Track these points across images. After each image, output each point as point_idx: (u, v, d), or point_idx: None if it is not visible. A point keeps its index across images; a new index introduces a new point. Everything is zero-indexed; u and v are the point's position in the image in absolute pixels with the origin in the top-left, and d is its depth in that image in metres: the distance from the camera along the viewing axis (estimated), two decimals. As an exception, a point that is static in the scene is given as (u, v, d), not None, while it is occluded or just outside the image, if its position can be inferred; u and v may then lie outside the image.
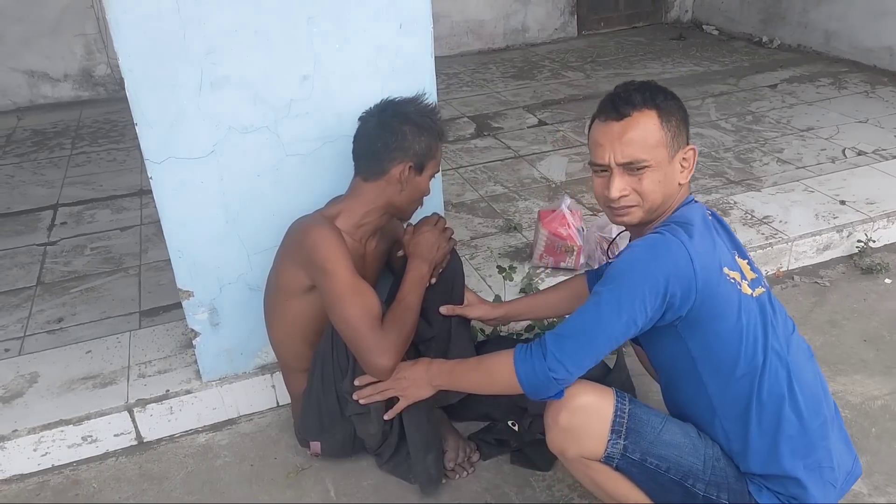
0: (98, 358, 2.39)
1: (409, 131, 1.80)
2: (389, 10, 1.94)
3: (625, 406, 1.55)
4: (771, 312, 1.56)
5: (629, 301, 1.45)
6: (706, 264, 1.47)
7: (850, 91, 4.75)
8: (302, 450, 2.14)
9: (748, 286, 1.53)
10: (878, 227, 3.00)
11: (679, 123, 1.57)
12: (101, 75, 5.56)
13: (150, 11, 1.73)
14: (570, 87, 5.25)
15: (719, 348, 1.51)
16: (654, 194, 1.56)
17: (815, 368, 1.63)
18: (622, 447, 1.53)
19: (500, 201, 3.49)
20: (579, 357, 1.51)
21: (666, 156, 1.55)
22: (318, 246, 1.74)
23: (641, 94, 1.55)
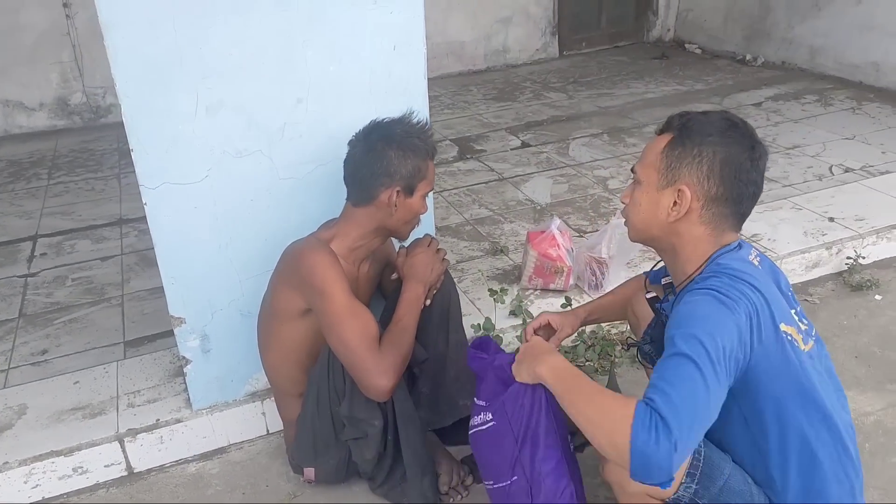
0: (86, 388, 2.44)
1: (394, 155, 1.87)
2: (383, 32, 2.05)
3: (702, 449, 1.52)
4: (820, 366, 1.56)
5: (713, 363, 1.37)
6: (764, 322, 1.44)
7: (835, 108, 4.93)
8: (294, 477, 2.20)
9: (802, 340, 1.51)
10: (867, 243, 3.14)
11: (689, 160, 1.53)
12: (76, 104, 5.62)
13: (147, 37, 1.83)
14: (553, 109, 5.40)
15: (774, 412, 1.49)
16: (634, 213, 1.61)
17: (851, 426, 1.60)
18: (693, 491, 1.51)
19: (486, 224, 3.59)
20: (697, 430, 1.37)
21: (655, 180, 1.57)
22: (315, 269, 1.82)
23: (678, 118, 1.59)
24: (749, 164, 1.53)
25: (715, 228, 1.56)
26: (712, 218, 1.55)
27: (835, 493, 1.53)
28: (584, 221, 3.52)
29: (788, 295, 1.59)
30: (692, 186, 1.53)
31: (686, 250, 1.58)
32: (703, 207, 1.54)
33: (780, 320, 1.46)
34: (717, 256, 1.54)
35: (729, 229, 1.58)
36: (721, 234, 1.57)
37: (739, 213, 1.57)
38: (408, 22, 2.07)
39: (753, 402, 1.49)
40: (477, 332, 2.51)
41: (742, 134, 1.54)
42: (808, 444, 1.50)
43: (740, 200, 1.55)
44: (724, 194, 1.53)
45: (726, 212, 1.55)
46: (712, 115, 1.57)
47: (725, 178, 1.52)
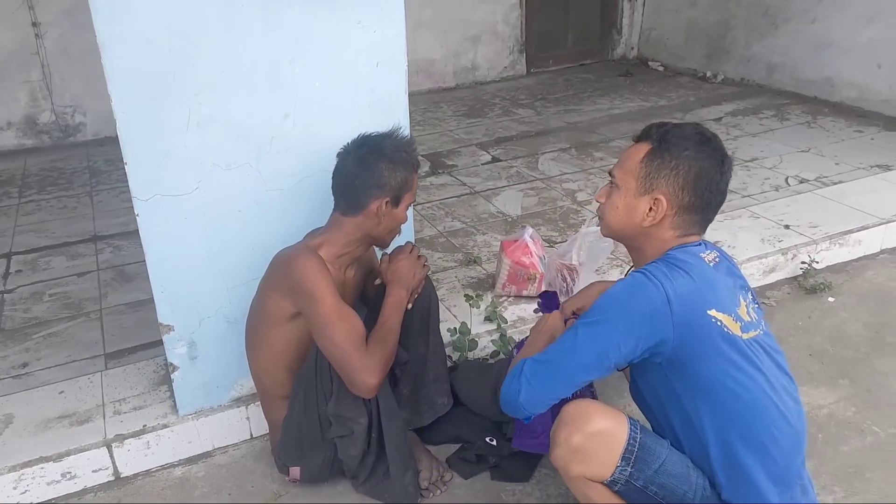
0: (72, 397, 2.53)
1: (384, 167, 2.01)
2: (367, 51, 2.19)
3: (637, 435, 1.67)
4: (763, 354, 1.69)
5: (603, 336, 1.62)
6: (688, 305, 1.60)
7: (792, 122, 5.19)
8: (278, 477, 2.31)
9: (741, 328, 1.65)
10: (820, 249, 3.35)
11: (667, 171, 1.69)
12: (45, 122, 5.67)
13: (142, 56, 1.95)
14: (522, 124, 5.59)
15: (705, 388, 1.64)
16: (611, 214, 1.79)
17: (800, 410, 1.75)
18: (628, 474, 1.65)
19: (459, 236, 3.74)
20: (549, 383, 1.67)
21: (634, 187, 1.73)
22: (305, 275, 1.95)
23: (656, 129, 1.76)
24: (719, 176, 1.72)
25: (682, 232, 1.74)
26: (681, 223, 1.74)
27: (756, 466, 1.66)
28: (554, 232, 3.69)
29: (742, 293, 1.74)
30: (667, 196, 1.70)
31: (653, 249, 1.76)
32: (675, 214, 1.73)
33: (710, 307, 1.62)
34: (672, 251, 1.72)
35: (694, 233, 1.76)
36: (686, 236, 1.75)
37: (706, 219, 1.77)
38: (390, 41, 2.22)
39: (686, 378, 1.65)
40: (453, 335, 2.64)
41: (714, 149, 1.72)
42: (734, 423, 1.65)
43: (708, 209, 1.74)
44: (695, 203, 1.72)
45: (695, 218, 1.74)
46: (687, 129, 1.74)
47: (698, 190, 1.70)
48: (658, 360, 1.65)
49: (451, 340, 2.64)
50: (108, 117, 5.80)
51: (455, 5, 6.60)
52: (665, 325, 1.60)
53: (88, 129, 5.72)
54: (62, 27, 5.41)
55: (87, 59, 5.34)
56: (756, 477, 1.66)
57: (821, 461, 2.29)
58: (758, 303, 1.80)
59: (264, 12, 2.04)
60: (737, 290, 1.72)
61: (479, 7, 6.70)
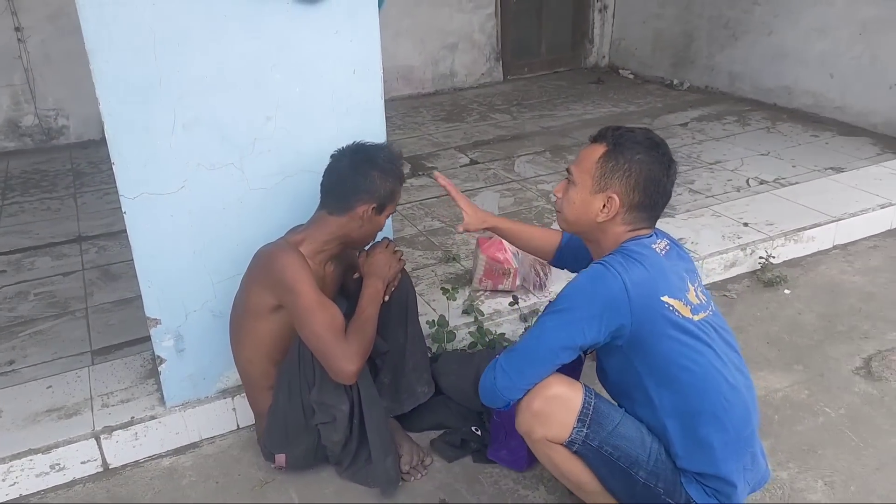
0: (59, 392, 2.54)
1: (377, 176, 2.09)
2: (344, 58, 2.24)
3: (591, 400, 1.80)
4: (713, 333, 1.80)
5: (568, 324, 1.73)
6: (643, 293, 1.70)
7: (753, 127, 5.32)
8: (265, 465, 2.34)
9: (691, 311, 1.76)
10: (777, 244, 3.45)
11: (620, 173, 1.80)
12: (27, 126, 5.63)
13: (129, 62, 1.99)
14: (499, 129, 5.67)
15: (661, 366, 1.76)
16: (568, 209, 1.89)
17: (749, 382, 1.87)
18: (584, 435, 1.77)
19: (438, 235, 3.80)
20: (520, 368, 1.78)
21: (589, 185, 1.83)
22: (285, 269, 2.00)
23: (611, 132, 1.86)
24: (665, 179, 1.84)
25: (633, 227, 1.86)
26: (632, 220, 1.85)
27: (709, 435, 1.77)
28: (527, 231, 3.76)
29: (690, 277, 1.85)
30: (620, 195, 1.81)
31: (607, 242, 1.88)
32: (626, 212, 1.84)
33: (663, 294, 1.73)
34: (627, 243, 1.82)
35: (644, 227, 1.87)
36: (637, 231, 1.86)
37: (654, 216, 1.88)
38: (366, 49, 2.28)
39: (644, 357, 1.76)
40: (432, 328, 2.70)
41: (662, 154, 1.83)
42: (688, 396, 1.76)
43: (655, 207, 1.86)
44: (644, 203, 1.83)
45: (644, 215, 1.85)
46: (639, 134, 1.85)
47: (647, 190, 1.81)
48: (619, 342, 1.75)
49: (430, 333, 2.69)
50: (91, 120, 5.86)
51: (432, 15, 6.67)
52: (624, 311, 1.70)
53: (71, 133, 5.69)
54: (45, 32, 5.38)
55: (69, 64, 5.34)
56: (709, 445, 1.77)
57: (777, 440, 2.38)
58: (703, 286, 1.91)
59: (246, 21, 2.09)
60: (686, 276, 1.83)
61: (455, 17, 6.78)
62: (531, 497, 2.20)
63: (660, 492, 1.80)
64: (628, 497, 1.85)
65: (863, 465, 2.26)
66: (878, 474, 2.21)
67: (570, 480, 1.89)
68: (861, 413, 2.49)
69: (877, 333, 2.93)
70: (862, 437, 2.38)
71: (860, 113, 5.14)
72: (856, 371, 2.71)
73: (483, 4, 6.86)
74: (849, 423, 2.45)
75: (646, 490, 1.81)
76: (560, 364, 1.78)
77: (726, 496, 1.81)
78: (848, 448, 2.33)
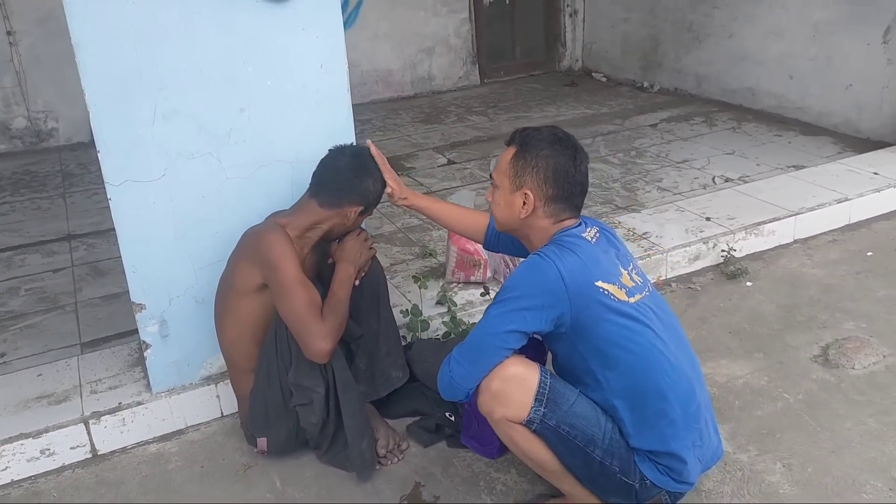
0: (49, 379, 2.55)
1: (371, 183, 2.20)
2: (311, 53, 2.30)
3: (547, 380, 1.83)
4: (651, 314, 1.85)
5: (511, 311, 1.79)
6: (578, 279, 1.77)
7: (719, 128, 5.40)
8: (248, 450, 2.37)
9: (626, 294, 1.82)
10: (738, 238, 3.51)
11: (529, 170, 1.88)
12: (18, 128, 5.62)
13: (111, 55, 2.04)
14: (475, 130, 5.71)
15: (603, 348, 1.81)
16: (496, 211, 1.98)
17: (692, 359, 1.94)
18: (542, 414, 1.81)
19: (416, 232, 3.83)
20: (472, 358, 1.83)
21: (508, 185, 1.92)
22: (272, 246, 2.06)
23: (519, 134, 1.94)
24: (573, 169, 1.90)
25: (556, 218, 1.93)
26: (553, 212, 1.92)
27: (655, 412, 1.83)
28: (502, 227, 3.81)
29: (622, 261, 1.91)
30: (534, 190, 1.89)
31: (537, 236, 1.95)
32: (544, 205, 1.91)
33: (597, 279, 1.79)
34: (558, 234, 1.89)
35: (567, 217, 1.93)
36: (561, 222, 1.93)
37: (573, 205, 1.95)
38: (331, 45, 2.33)
39: (587, 342, 1.82)
40: (406, 317, 2.73)
41: (566, 146, 1.90)
42: (631, 376, 1.82)
43: (571, 197, 1.93)
44: (559, 194, 1.90)
45: (563, 206, 1.92)
46: (544, 131, 1.93)
47: (558, 182, 1.89)
48: (563, 329, 1.81)
49: (405, 322, 2.73)
50: (81, 123, 5.87)
51: (408, 19, 6.70)
52: (562, 298, 1.76)
53: (61, 135, 5.68)
54: (35, 36, 5.37)
55: (58, 67, 5.34)
56: (656, 423, 1.82)
57: (737, 424, 2.43)
58: (639, 268, 1.97)
59: (218, 18, 2.15)
60: (617, 261, 1.89)
61: (430, 21, 6.82)
62: (503, 479, 2.24)
63: (615, 470, 1.85)
64: (586, 475, 1.89)
65: (819, 448, 2.30)
66: (834, 456, 2.26)
67: (531, 460, 1.93)
68: (818, 398, 2.54)
69: (834, 323, 2.98)
70: (819, 421, 2.43)
71: (820, 113, 5.22)
72: (814, 359, 2.76)
73: (457, 9, 6.91)
74: (806, 408, 2.49)
75: (602, 468, 1.85)
76: (510, 350, 1.82)
77: (678, 473, 1.86)
78: (805, 432, 2.38)
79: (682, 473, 1.86)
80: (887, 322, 2.96)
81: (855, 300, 3.14)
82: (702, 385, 1.94)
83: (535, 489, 2.18)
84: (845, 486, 2.15)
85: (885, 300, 3.12)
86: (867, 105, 4.90)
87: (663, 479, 1.86)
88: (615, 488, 1.88)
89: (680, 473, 1.86)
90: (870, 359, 2.71)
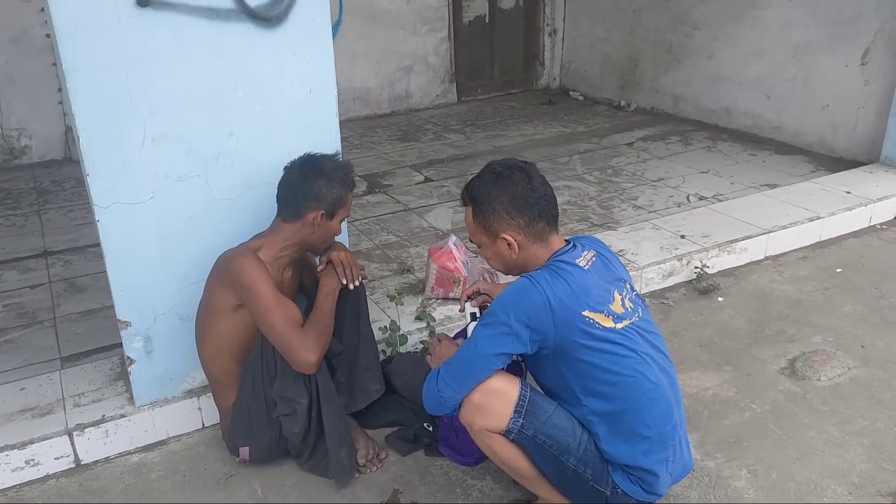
0: (32, 393, 2.67)
1: (322, 184, 2.28)
2: (301, 78, 2.45)
3: (527, 393, 1.97)
4: (638, 338, 1.97)
5: (498, 332, 1.90)
6: (565, 308, 1.87)
7: (695, 147, 5.64)
8: (229, 460, 2.50)
9: (613, 321, 1.93)
10: (711, 255, 3.72)
11: (493, 217, 2.00)
12: (-10, 145, 5.70)
13: (102, 80, 2.17)
14: (453, 148, 5.91)
15: (584, 372, 1.93)
16: (495, 264, 2.12)
17: (673, 380, 2.06)
18: (520, 424, 1.95)
19: (394, 248, 3.99)
20: (460, 379, 1.96)
21: (486, 240, 2.05)
22: (243, 271, 2.20)
23: (468, 191, 2.06)
24: (528, 190, 2.00)
25: (541, 241, 2.05)
26: (535, 236, 2.03)
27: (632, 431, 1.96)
28: (480, 244, 3.97)
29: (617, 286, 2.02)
30: (508, 230, 2.01)
31: (534, 264, 2.05)
32: (525, 236, 2.02)
33: (584, 308, 1.90)
34: (554, 258, 2.02)
35: (549, 234, 2.06)
36: (547, 241, 2.05)
37: (547, 220, 2.04)
38: (321, 70, 2.49)
39: (569, 364, 1.95)
40: (384, 333, 2.89)
41: (509, 175, 2.01)
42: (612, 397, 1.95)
43: (543, 215, 2.02)
44: (530, 218, 2.01)
45: (540, 226, 2.03)
46: (484, 176, 2.04)
47: (522, 210, 2.00)
48: (546, 352, 1.95)
49: (384, 338, 2.88)
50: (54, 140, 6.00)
51: (387, 38, 6.90)
52: (547, 324, 1.88)
53: (34, 152, 5.76)
54: (8, 54, 5.46)
55: (33, 85, 5.45)
56: (632, 441, 1.97)
57: (706, 433, 2.61)
58: (636, 291, 2.11)
59: (209, 44, 2.29)
60: (611, 287, 2.00)
61: (410, 40, 7.02)
62: (479, 486, 2.39)
63: (588, 477, 2.00)
64: (560, 482, 2.04)
65: (784, 455, 2.48)
66: (798, 463, 2.44)
67: (508, 467, 2.08)
68: (784, 409, 2.72)
69: (802, 337, 3.18)
70: (784, 430, 2.60)
71: (796, 133, 5.48)
72: (781, 371, 2.95)
73: (437, 28, 7.12)
74: (773, 417, 2.67)
75: (575, 476, 2.00)
76: (496, 369, 1.96)
77: (648, 484, 2.01)
78: (771, 440, 2.56)
79: (652, 485, 2.02)
80: (853, 336, 3.17)
81: (822, 315, 3.35)
82: (679, 404, 2.09)
83: (510, 495, 2.34)
84: (808, 490, 2.33)
85: (851, 315, 3.34)
86: (842, 125, 5.16)
87: (634, 488, 2.01)
88: (587, 494, 2.03)
89: (651, 485, 2.02)
90: (835, 371, 2.91)
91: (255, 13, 2.32)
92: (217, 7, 2.26)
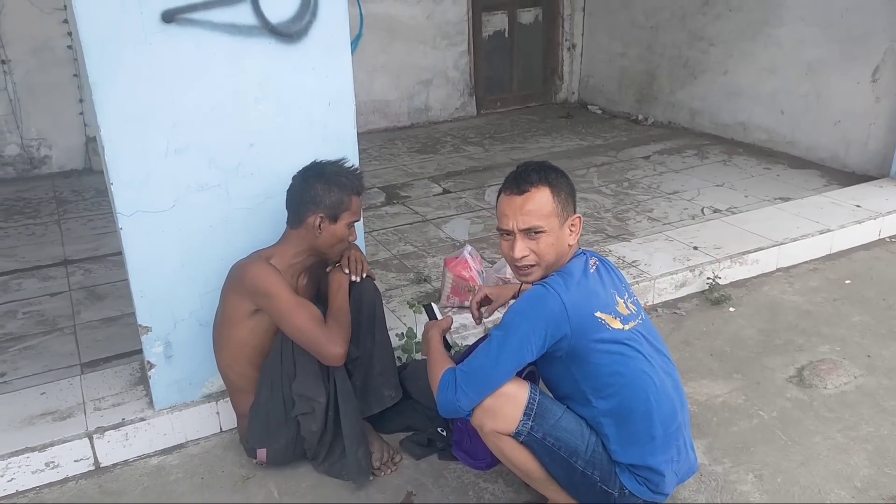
0: (53, 397, 2.77)
1: (320, 187, 2.35)
2: (320, 92, 2.55)
3: (536, 396, 2.03)
4: (642, 340, 2.06)
5: (517, 343, 1.96)
6: (579, 310, 1.96)
7: (710, 160, 5.71)
8: (247, 462, 2.59)
9: (620, 322, 2.02)
10: (723, 266, 3.78)
11: (567, 197, 2.08)
12: (10, 155, 5.84)
13: (128, 94, 2.27)
14: (471, 160, 6.01)
15: (595, 373, 2.02)
16: (548, 255, 2.11)
17: (676, 382, 2.15)
18: (529, 427, 2.01)
19: (411, 258, 4.08)
20: (480, 389, 2.01)
21: (557, 223, 2.06)
22: (258, 278, 2.30)
23: (537, 174, 2.07)
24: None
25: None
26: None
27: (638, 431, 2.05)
28: (497, 255, 4.05)
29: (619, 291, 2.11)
30: (577, 212, 2.12)
31: (564, 261, 2.12)
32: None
33: (596, 310, 2.00)
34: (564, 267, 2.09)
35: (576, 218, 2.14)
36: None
37: None
38: (340, 84, 2.59)
39: (580, 366, 2.03)
40: (401, 340, 2.97)
41: (563, 173, 2.13)
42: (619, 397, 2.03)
43: None
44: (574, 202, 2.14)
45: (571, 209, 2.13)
46: (545, 164, 2.13)
47: (574, 195, 2.14)
48: (559, 353, 2.03)
49: (400, 344, 2.96)
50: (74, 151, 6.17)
51: (408, 52, 7.04)
52: (563, 326, 1.96)
53: (54, 162, 5.92)
54: (30, 65, 5.64)
55: (53, 96, 5.63)
56: (639, 441, 2.05)
57: (714, 439, 2.67)
58: (634, 297, 2.19)
59: (232, 58, 2.39)
60: (614, 290, 2.09)
61: (430, 54, 7.15)
62: (491, 489, 2.46)
63: (596, 479, 2.07)
64: (568, 483, 2.12)
65: (790, 460, 2.54)
66: (803, 468, 2.50)
67: (518, 468, 2.14)
68: (791, 416, 2.79)
69: (810, 346, 3.24)
70: (791, 436, 2.67)
71: (809, 147, 5.55)
72: (789, 379, 3.01)
73: (457, 42, 7.26)
74: (780, 424, 2.74)
75: (584, 477, 2.07)
76: (512, 375, 2.03)
77: (655, 484, 2.09)
78: (777, 446, 2.62)
79: (658, 485, 2.09)
80: (860, 346, 3.23)
81: (831, 325, 3.41)
82: (683, 406, 2.17)
83: (522, 497, 2.41)
84: (811, 494, 2.39)
85: (858, 325, 3.40)
86: (854, 141, 5.22)
87: (641, 489, 2.09)
88: (595, 496, 2.10)
89: (657, 485, 2.09)
90: (841, 379, 2.97)
91: (276, 29, 2.42)
92: (240, 23, 2.37)
